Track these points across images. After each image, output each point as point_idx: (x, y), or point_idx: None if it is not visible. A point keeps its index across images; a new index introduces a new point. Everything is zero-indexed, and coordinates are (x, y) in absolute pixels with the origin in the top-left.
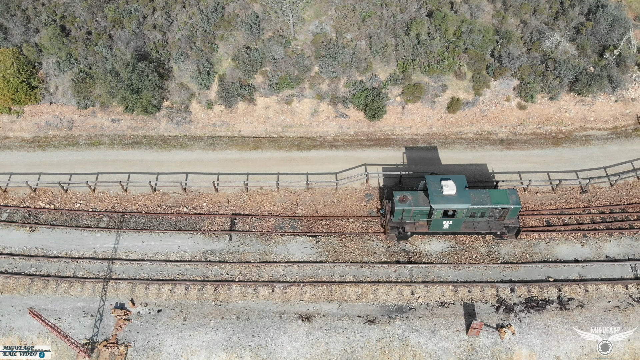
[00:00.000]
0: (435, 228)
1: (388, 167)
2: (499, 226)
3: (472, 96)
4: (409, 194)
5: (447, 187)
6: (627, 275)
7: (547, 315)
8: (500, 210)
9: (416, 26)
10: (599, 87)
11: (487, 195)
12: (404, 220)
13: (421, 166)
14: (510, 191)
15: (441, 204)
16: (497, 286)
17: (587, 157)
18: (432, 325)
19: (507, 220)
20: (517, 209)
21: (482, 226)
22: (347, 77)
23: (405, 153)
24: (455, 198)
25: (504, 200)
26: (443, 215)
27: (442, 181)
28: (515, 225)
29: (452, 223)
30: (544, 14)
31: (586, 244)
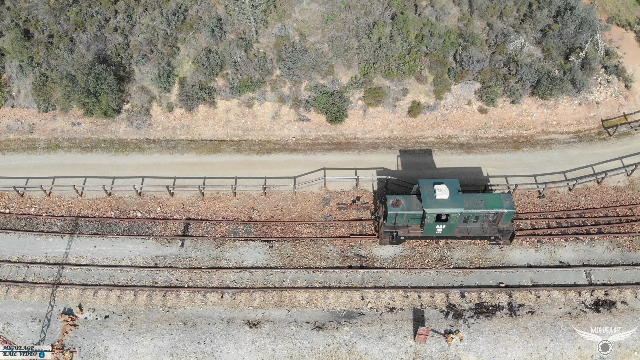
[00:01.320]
0: (428, 232)
1: (347, 170)
2: (493, 231)
3: (433, 100)
4: (403, 197)
5: (440, 191)
6: (580, 282)
7: (497, 321)
8: (494, 215)
9: (378, 30)
10: (561, 91)
11: (481, 199)
12: (397, 224)
13: (379, 171)
14: (504, 195)
15: (434, 208)
16: (448, 291)
17: (547, 161)
18: (380, 331)
19: (501, 224)
20: (511, 214)
21: (476, 231)
22: (309, 81)
23: (365, 157)
24: (448, 202)
25: (497, 204)
26: (436, 219)
27: (435, 185)
28: (510, 229)
29: (446, 227)
30: (511, 17)
31: (540, 249)
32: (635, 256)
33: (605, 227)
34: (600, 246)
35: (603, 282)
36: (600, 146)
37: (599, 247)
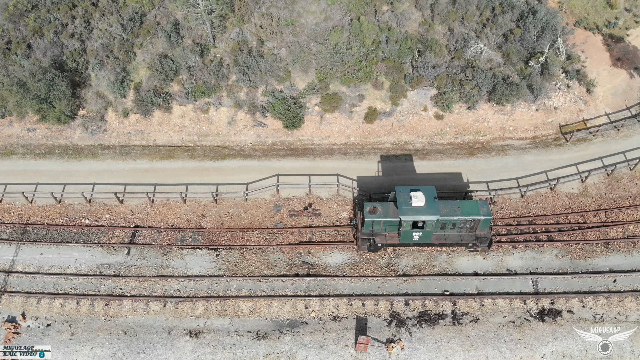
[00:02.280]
0: (405, 240)
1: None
2: (470, 238)
3: (389, 106)
4: (380, 205)
5: (416, 199)
6: (526, 290)
7: (439, 330)
8: (471, 222)
9: (334, 35)
10: (517, 97)
11: (458, 206)
12: (374, 231)
13: (331, 177)
14: (481, 202)
15: (410, 216)
16: (392, 300)
17: (500, 168)
18: (322, 340)
19: (479, 231)
20: (488, 221)
21: (454, 238)
22: (266, 86)
23: (319, 163)
24: (424, 209)
25: (474, 211)
26: (412, 226)
27: (411, 192)
28: (487, 236)
29: (422, 234)
30: (472, 22)
31: (488, 256)
32: (585, 264)
33: (555, 235)
34: (549, 254)
35: (550, 290)
36: (556, 152)
37: (548, 254)
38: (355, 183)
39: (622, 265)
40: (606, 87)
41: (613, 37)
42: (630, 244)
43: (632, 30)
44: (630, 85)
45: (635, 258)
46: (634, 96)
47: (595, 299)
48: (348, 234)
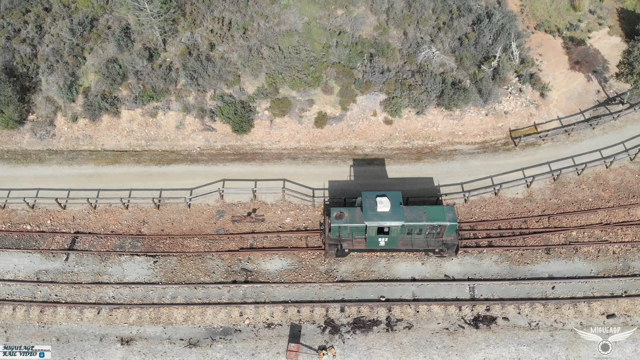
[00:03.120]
0: (371, 245)
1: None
2: (437, 243)
3: (339, 111)
4: (347, 210)
5: (381, 204)
6: (462, 296)
7: (373, 336)
8: (437, 227)
9: (284, 39)
10: (465, 101)
11: (424, 212)
12: (341, 237)
13: (277, 182)
14: (447, 208)
15: (374, 221)
16: (328, 306)
17: (446, 173)
18: (254, 348)
19: (446, 237)
20: (453, 226)
21: (420, 243)
22: (214, 90)
23: (267, 168)
24: (389, 215)
25: (440, 217)
26: (378, 232)
27: (377, 197)
28: (454, 242)
29: (388, 240)
30: (428, 26)
31: (427, 262)
32: (524, 270)
33: (496, 240)
34: (488, 260)
35: (486, 297)
36: (504, 157)
37: (487, 260)
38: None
39: (561, 272)
40: (561, 90)
41: (574, 40)
42: (572, 250)
43: (594, 32)
44: (587, 88)
45: (576, 264)
46: (590, 100)
47: (532, 305)
48: (290, 240)
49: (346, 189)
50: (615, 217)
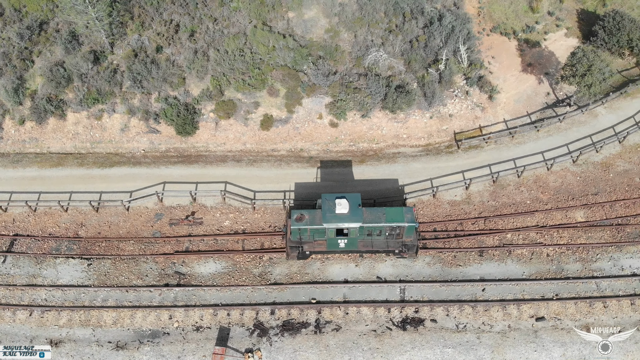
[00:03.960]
0: (332, 247)
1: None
2: (397, 244)
3: (285, 113)
4: (307, 212)
5: (339, 206)
6: (393, 298)
7: (300, 339)
8: (396, 229)
9: (230, 42)
10: (408, 104)
11: (383, 213)
12: (302, 239)
13: (218, 185)
14: (406, 209)
15: (333, 223)
16: (258, 309)
17: (388, 175)
18: (181, 351)
19: (405, 238)
20: (412, 227)
21: (380, 244)
22: (159, 92)
23: (210, 171)
24: (347, 217)
25: (399, 218)
26: (337, 234)
27: (336, 199)
28: (414, 243)
29: (348, 241)
30: (379, 29)
31: (361, 264)
32: (455, 272)
33: (430, 242)
34: (421, 262)
35: (416, 298)
36: (445, 159)
37: (420, 262)
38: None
39: (493, 274)
40: (511, 93)
41: (529, 42)
42: (506, 252)
43: (551, 34)
44: (537, 91)
45: (508, 267)
46: (539, 102)
47: (461, 307)
48: (226, 243)
49: (291, 190)
50: (552, 220)
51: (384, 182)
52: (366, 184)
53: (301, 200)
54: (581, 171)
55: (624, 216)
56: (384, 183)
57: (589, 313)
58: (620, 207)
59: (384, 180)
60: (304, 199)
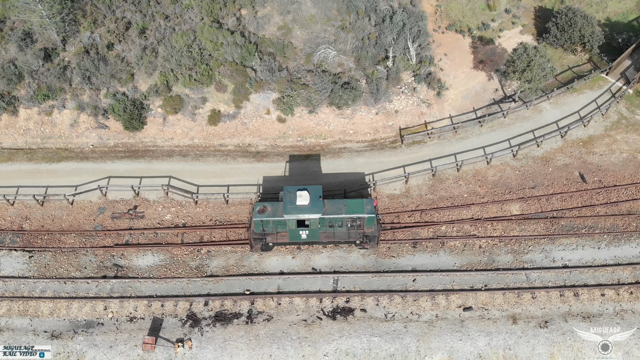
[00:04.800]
0: (294, 238)
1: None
2: (358, 235)
3: (233, 109)
4: (270, 204)
5: (300, 198)
6: (326, 288)
7: (232, 329)
8: (356, 220)
9: (178, 38)
10: (353, 100)
11: (344, 205)
12: (265, 231)
13: (162, 179)
14: (366, 201)
15: (293, 214)
16: (192, 300)
17: (332, 169)
18: (113, 341)
19: (366, 229)
20: (372, 219)
21: (342, 236)
22: (108, 88)
23: (155, 165)
24: (307, 208)
25: (359, 209)
26: (298, 225)
27: (297, 191)
28: (375, 234)
29: (309, 233)
30: (331, 26)
31: (297, 256)
32: (389, 263)
33: None
34: (356, 253)
35: (348, 289)
36: (389, 154)
37: (355, 254)
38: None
39: (425, 265)
40: (459, 89)
41: (483, 39)
42: (439, 244)
43: (506, 31)
44: (486, 87)
45: (440, 258)
46: (486, 98)
47: (391, 297)
48: (167, 236)
49: (234, 184)
50: (488, 213)
51: (327, 177)
52: (310, 179)
53: (244, 194)
54: (521, 165)
55: (559, 209)
56: (327, 177)
57: (517, 304)
58: (556, 200)
59: (327, 175)
60: (246, 193)
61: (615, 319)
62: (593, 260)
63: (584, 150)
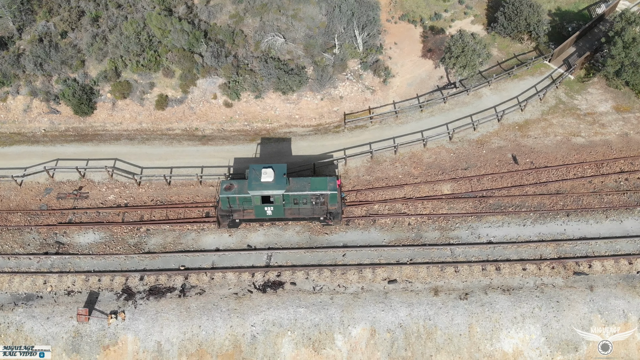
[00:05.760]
0: (259, 214)
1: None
2: (322, 212)
3: (180, 94)
4: (236, 182)
5: (265, 175)
6: (259, 264)
7: (164, 302)
8: (319, 197)
9: (127, 26)
10: (297, 86)
11: (308, 182)
12: (232, 208)
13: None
14: (329, 179)
15: (257, 191)
16: (128, 275)
17: (275, 153)
18: (50, 313)
19: (330, 206)
20: (334, 196)
21: (307, 212)
22: (59, 75)
23: (103, 149)
24: (271, 185)
25: (322, 187)
26: (262, 201)
27: (262, 169)
28: (338, 210)
29: (274, 209)
30: (282, 15)
31: (234, 234)
32: (322, 239)
33: None
34: (291, 231)
35: (280, 264)
36: (331, 138)
37: (290, 231)
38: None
39: (356, 241)
40: (406, 77)
41: (434, 29)
42: (370, 221)
43: (457, 21)
44: (431, 75)
45: (371, 234)
46: (431, 85)
47: (321, 271)
48: (108, 215)
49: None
50: (420, 192)
51: (271, 159)
52: (253, 161)
53: (184, 176)
54: (456, 148)
55: (489, 189)
56: (270, 159)
57: (440, 277)
58: (487, 180)
59: (271, 158)
60: (187, 175)
61: (535, 292)
62: (517, 237)
63: (519, 134)
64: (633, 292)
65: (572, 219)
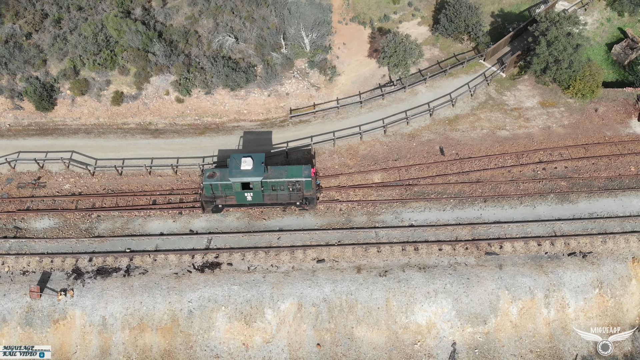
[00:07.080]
0: (240, 200)
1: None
2: (298, 197)
3: (135, 90)
4: (219, 170)
5: (244, 163)
6: (199, 247)
7: (110, 281)
8: (295, 183)
9: (85, 27)
10: (245, 83)
11: (285, 170)
12: (215, 194)
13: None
14: (305, 167)
15: (237, 178)
16: (78, 257)
17: (222, 145)
18: (7, 290)
19: (306, 192)
20: (309, 182)
21: (284, 198)
22: (23, 73)
23: (61, 141)
24: (250, 172)
25: (298, 174)
26: (242, 187)
27: (242, 158)
28: (313, 196)
29: (254, 195)
30: (236, 16)
31: (178, 220)
32: (259, 224)
33: None
34: (232, 217)
35: (219, 247)
36: (276, 132)
37: (231, 217)
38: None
39: (291, 225)
40: (351, 75)
41: (382, 30)
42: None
43: (405, 23)
44: (375, 73)
45: (305, 219)
46: (373, 83)
47: (256, 253)
48: (63, 203)
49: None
50: (352, 181)
51: (219, 151)
52: (202, 153)
53: (135, 167)
54: (389, 141)
55: (415, 178)
56: (218, 151)
57: (363, 256)
58: (414, 170)
59: (215, 149)
60: (137, 166)
61: (448, 270)
62: (437, 221)
63: (449, 128)
64: (540, 271)
65: (488, 204)
